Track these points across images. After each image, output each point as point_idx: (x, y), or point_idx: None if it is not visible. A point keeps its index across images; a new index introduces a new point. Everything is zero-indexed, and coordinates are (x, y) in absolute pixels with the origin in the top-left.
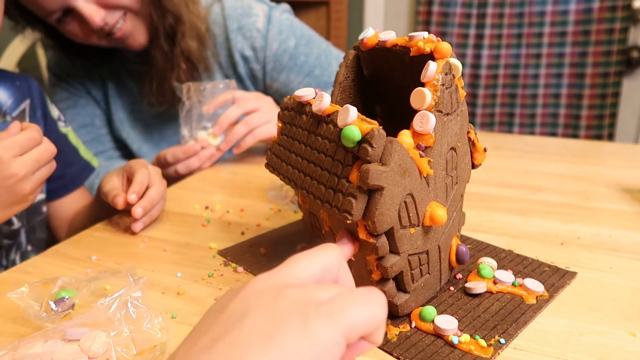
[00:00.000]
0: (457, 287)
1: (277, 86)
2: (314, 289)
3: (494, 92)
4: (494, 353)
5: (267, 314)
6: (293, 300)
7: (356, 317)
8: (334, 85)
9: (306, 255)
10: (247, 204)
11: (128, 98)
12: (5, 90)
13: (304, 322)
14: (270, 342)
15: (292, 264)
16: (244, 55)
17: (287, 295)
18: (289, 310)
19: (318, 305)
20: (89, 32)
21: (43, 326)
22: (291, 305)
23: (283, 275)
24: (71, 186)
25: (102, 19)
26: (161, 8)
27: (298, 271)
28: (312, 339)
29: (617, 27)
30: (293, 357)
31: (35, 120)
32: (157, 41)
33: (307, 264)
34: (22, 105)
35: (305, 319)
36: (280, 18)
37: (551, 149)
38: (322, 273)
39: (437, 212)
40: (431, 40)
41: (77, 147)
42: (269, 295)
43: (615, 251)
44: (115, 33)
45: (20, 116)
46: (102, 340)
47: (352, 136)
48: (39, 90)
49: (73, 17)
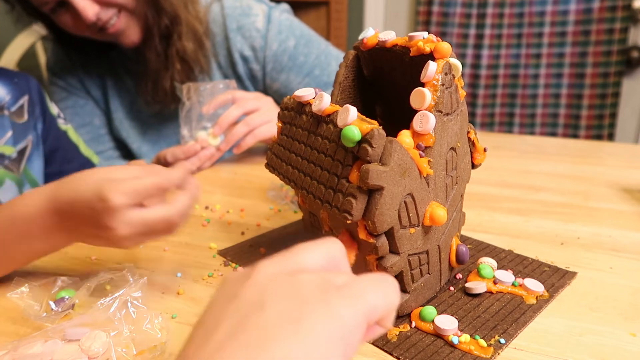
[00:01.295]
0: (457, 287)
1: (277, 86)
2: (329, 275)
3: (494, 92)
4: (494, 353)
5: (288, 298)
6: (311, 284)
7: (375, 300)
8: (334, 85)
9: (311, 245)
10: (247, 204)
11: (127, 97)
12: (4, 87)
13: (328, 304)
14: (300, 325)
15: (299, 251)
16: (243, 55)
17: (304, 279)
18: (310, 294)
19: (338, 289)
20: (82, 25)
21: (43, 326)
22: (311, 289)
23: (292, 261)
24: None
25: (95, 14)
26: (157, 8)
27: (305, 258)
28: (338, 320)
29: (617, 27)
30: (325, 339)
31: (34, 117)
32: (151, 41)
33: (313, 252)
34: (21, 101)
35: (328, 301)
36: (279, 18)
37: (551, 149)
38: (327, 262)
39: (437, 212)
40: (431, 40)
41: (77, 144)
42: (284, 280)
43: (615, 251)
44: (108, 29)
45: (18, 112)
46: (102, 340)
47: (352, 136)
48: (37, 87)
49: (67, 9)
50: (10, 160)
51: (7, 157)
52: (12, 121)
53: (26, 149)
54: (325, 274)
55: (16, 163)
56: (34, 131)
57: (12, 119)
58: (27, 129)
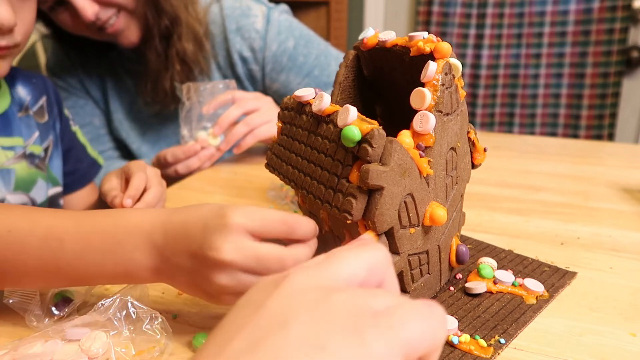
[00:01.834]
0: (457, 287)
1: (277, 87)
2: (366, 296)
3: (494, 92)
4: (494, 353)
5: (315, 319)
6: (344, 306)
7: (418, 335)
8: (334, 85)
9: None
10: (247, 204)
11: (127, 98)
12: (24, 87)
13: (360, 333)
14: (323, 353)
15: (336, 260)
16: (242, 56)
17: (337, 300)
18: (341, 319)
19: (374, 316)
20: (81, 24)
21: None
22: (343, 313)
23: (326, 274)
24: (84, 180)
25: (94, 13)
26: (157, 9)
27: (343, 270)
28: (369, 354)
29: (617, 27)
30: None
31: (53, 117)
32: (151, 42)
33: (352, 263)
34: (40, 101)
35: (361, 330)
36: (279, 19)
37: (551, 149)
38: (368, 274)
39: (437, 212)
40: (431, 40)
41: (85, 145)
42: (314, 297)
43: (615, 251)
44: (107, 29)
45: (39, 112)
46: (102, 341)
47: (352, 136)
48: (53, 88)
49: (66, 7)
50: (40, 159)
51: (37, 157)
52: (36, 121)
53: (49, 148)
54: (362, 295)
55: (43, 161)
56: (53, 131)
57: (35, 119)
58: (48, 129)
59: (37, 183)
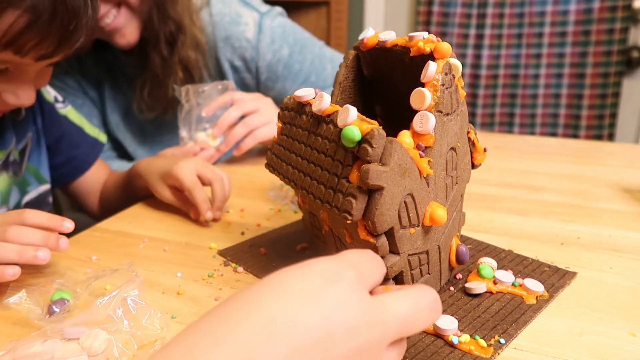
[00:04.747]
0: (457, 287)
1: (273, 94)
2: None
3: (494, 92)
4: (494, 353)
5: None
6: None
7: None
8: (334, 85)
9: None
10: (247, 204)
11: (123, 101)
12: None
13: None
14: None
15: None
16: (233, 65)
17: None
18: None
19: None
20: None
21: (43, 326)
22: None
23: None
24: (84, 166)
25: None
26: (164, 14)
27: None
28: None
29: (617, 27)
30: None
31: (32, 110)
32: (157, 45)
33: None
34: None
35: None
36: (271, 26)
37: (551, 149)
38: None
39: (437, 212)
40: (431, 40)
41: (81, 125)
42: None
43: (615, 251)
44: (105, 27)
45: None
46: (102, 338)
47: (352, 136)
48: None
49: None
50: (17, 164)
51: (15, 162)
52: (12, 120)
53: (26, 147)
54: None
55: (20, 166)
56: (34, 126)
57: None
58: (26, 125)
59: (12, 192)
